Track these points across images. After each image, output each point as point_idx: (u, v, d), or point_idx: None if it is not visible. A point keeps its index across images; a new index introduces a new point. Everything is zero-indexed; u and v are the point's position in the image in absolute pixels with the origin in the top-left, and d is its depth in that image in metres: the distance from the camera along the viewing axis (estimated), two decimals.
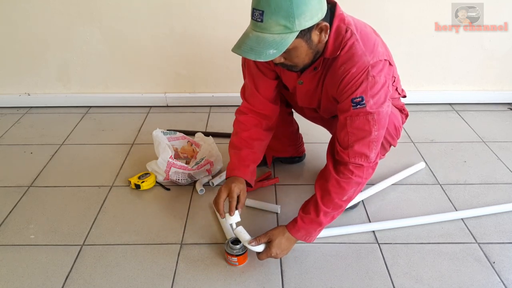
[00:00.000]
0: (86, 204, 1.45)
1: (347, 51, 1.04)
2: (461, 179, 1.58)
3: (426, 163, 1.68)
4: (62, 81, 2.14)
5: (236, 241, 1.19)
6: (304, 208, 1.17)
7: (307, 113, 1.44)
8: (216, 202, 1.18)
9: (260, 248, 1.17)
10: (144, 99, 2.18)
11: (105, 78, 2.14)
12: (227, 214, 1.17)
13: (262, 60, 0.96)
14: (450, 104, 2.19)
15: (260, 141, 1.31)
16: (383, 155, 1.36)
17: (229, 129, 1.93)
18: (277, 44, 0.93)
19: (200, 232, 1.33)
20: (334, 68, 1.07)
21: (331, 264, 1.20)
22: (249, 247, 1.16)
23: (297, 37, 0.95)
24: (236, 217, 1.17)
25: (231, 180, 1.21)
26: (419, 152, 1.75)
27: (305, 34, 0.96)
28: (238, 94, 1.51)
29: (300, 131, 1.64)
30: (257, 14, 0.92)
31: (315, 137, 1.76)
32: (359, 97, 1.03)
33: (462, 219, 1.37)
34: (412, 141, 1.83)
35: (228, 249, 1.18)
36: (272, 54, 0.94)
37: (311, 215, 1.14)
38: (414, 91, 2.09)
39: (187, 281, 1.15)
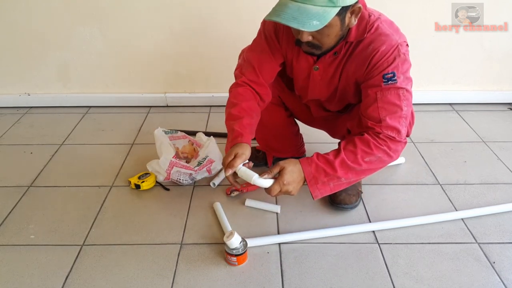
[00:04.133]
0: (86, 204, 1.45)
1: (373, 32, 1.07)
2: (461, 179, 1.58)
3: (426, 163, 1.68)
4: (62, 81, 2.14)
5: (235, 240, 1.18)
6: (324, 154, 1.13)
7: (314, 111, 1.42)
8: (223, 163, 1.13)
9: (269, 182, 1.11)
10: (144, 99, 2.18)
11: (105, 78, 2.14)
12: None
13: (305, 30, 0.95)
14: (450, 104, 2.19)
15: (257, 116, 1.23)
16: None
17: None
18: (320, 16, 0.93)
19: (200, 232, 1.33)
20: (361, 48, 1.08)
21: (331, 264, 1.20)
22: (259, 181, 1.08)
23: (335, 14, 0.95)
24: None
25: (234, 147, 1.12)
26: (419, 152, 1.75)
27: (342, 12, 0.97)
28: None
29: (301, 131, 1.64)
30: None
31: (315, 137, 1.76)
32: (390, 73, 1.05)
33: (462, 219, 1.37)
34: (412, 141, 1.83)
35: (228, 248, 1.18)
36: (315, 25, 0.94)
37: (328, 156, 1.10)
38: (414, 91, 2.06)
39: (187, 281, 1.15)
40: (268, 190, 1.12)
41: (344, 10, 0.97)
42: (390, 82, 1.06)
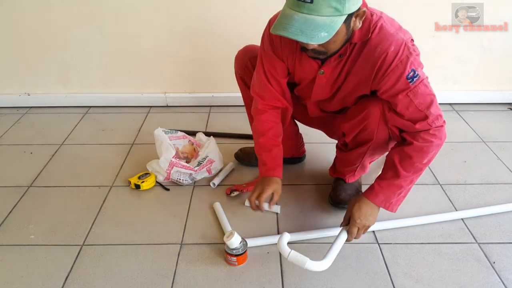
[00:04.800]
0: (86, 204, 1.45)
1: (378, 33, 1.05)
2: (461, 179, 1.58)
3: None
4: (62, 81, 2.14)
5: (235, 239, 1.18)
6: (381, 174, 1.19)
7: (311, 112, 1.42)
8: (249, 199, 1.23)
9: (321, 265, 1.09)
10: (144, 99, 2.18)
11: (105, 78, 2.14)
12: (265, 204, 1.23)
13: (313, 43, 0.95)
14: (450, 104, 2.19)
15: (282, 136, 1.33)
16: None
17: (229, 129, 1.94)
18: (327, 27, 0.92)
19: (200, 232, 1.33)
20: (368, 50, 1.07)
21: (331, 264, 1.20)
22: (312, 266, 1.08)
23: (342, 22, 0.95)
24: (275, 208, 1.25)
25: (264, 180, 1.24)
26: None
27: (347, 19, 0.96)
28: (238, 94, 1.51)
29: (300, 131, 1.64)
30: None
31: (315, 137, 1.76)
32: (411, 71, 1.05)
33: (462, 219, 1.37)
34: None
35: (228, 248, 1.18)
36: (324, 37, 0.93)
37: (389, 179, 1.15)
38: None
39: (187, 281, 1.15)
40: (348, 238, 1.17)
41: (350, 16, 0.96)
42: (415, 79, 1.06)
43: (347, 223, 1.19)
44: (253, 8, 1.90)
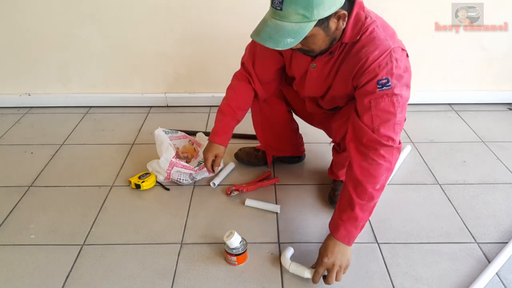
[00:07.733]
0: (86, 204, 1.45)
1: (368, 35, 1.05)
2: (461, 179, 1.58)
3: (425, 163, 1.68)
4: (62, 81, 2.14)
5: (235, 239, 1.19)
6: (340, 205, 1.14)
7: (308, 107, 1.42)
8: (206, 165, 1.38)
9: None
10: (144, 99, 2.18)
11: (105, 78, 2.14)
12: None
13: (280, 49, 0.98)
14: (449, 104, 2.19)
15: (245, 111, 1.37)
16: None
17: None
18: (294, 33, 0.95)
19: (200, 232, 1.33)
20: (355, 51, 1.08)
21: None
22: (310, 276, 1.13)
23: (315, 25, 0.96)
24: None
25: (208, 146, 1.36)
26: (419, 152, 1.76)
27: (322, 22, 0.97)
28: None
29: (300, 131, 1.64)
30: (277, 2, 0.94)
31: (315, 137, 1.76)
32: (384, 79, 1.03)
33: (462, 219, 1.38)
34: (412, 141, 1.84)
35: (228, 248, 1.18)
36: (290, 43, 0.96)
37: (347, 211, 1.09)
38: (414, 92, 2.08)
39: (187, 281, 1.15)
40: (323, 279, 1.13)
41: (324, 20, 0.97)
42: (384, 88, 1.03)
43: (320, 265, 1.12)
44: (253, 8, 1.90)
